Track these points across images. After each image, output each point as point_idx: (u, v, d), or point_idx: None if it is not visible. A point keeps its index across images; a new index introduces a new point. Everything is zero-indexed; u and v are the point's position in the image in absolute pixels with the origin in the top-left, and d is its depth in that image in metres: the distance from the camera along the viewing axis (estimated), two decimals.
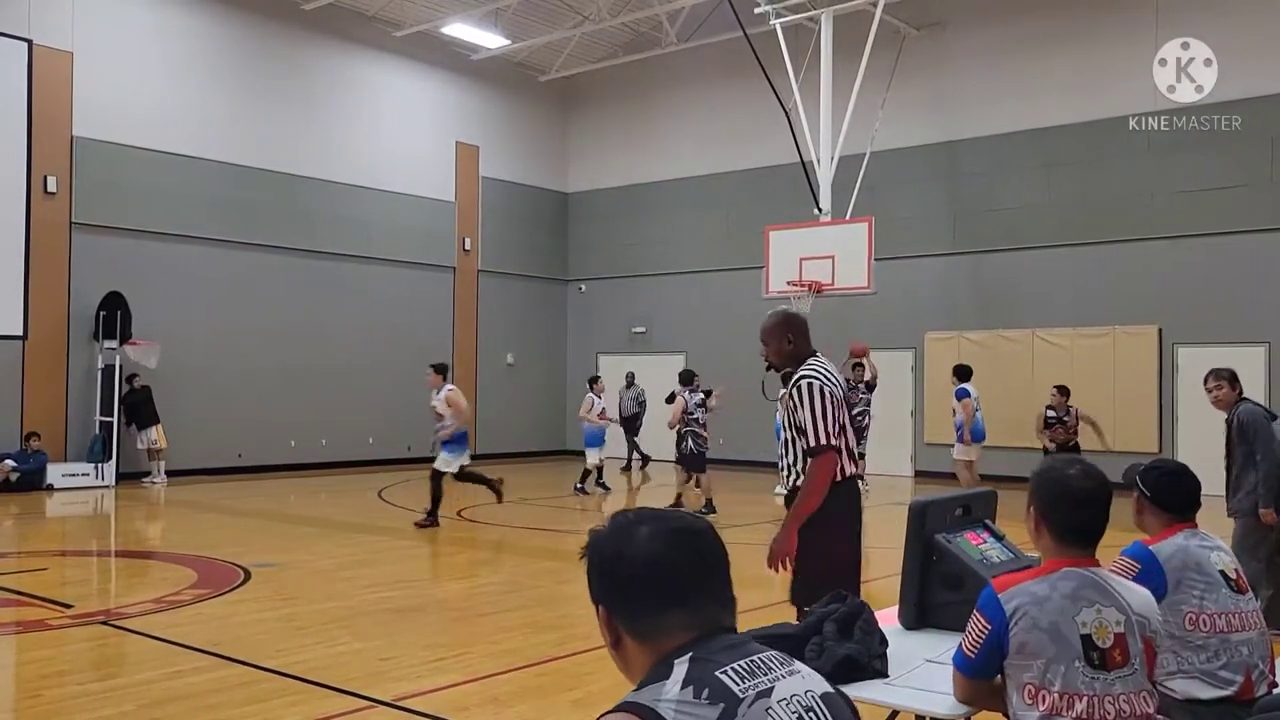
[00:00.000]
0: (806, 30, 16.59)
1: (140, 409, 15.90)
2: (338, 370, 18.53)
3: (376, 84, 19.87)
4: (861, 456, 13.55)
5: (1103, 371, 16.01)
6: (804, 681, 1.58)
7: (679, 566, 1.58)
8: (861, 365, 14.42)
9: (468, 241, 21.30)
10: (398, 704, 5.18)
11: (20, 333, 15.16)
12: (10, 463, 14.67)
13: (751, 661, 1.55)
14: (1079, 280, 16.43)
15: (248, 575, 8.59)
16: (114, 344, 15.60)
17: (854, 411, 13.90)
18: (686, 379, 13.70)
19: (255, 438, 17.32)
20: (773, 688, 1.52)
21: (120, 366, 15.75)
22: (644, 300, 21.63)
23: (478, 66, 21.00)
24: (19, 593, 7.87)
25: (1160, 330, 15.78)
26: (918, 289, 17.73)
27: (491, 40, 20.08)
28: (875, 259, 14.94)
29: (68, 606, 7.40)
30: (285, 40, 18.42)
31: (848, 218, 15.73)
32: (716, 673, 1.51)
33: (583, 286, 22.96)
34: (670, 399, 14.62)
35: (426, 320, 20.39)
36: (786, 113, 15.92)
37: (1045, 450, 12.45)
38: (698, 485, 13.51)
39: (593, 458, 15.00)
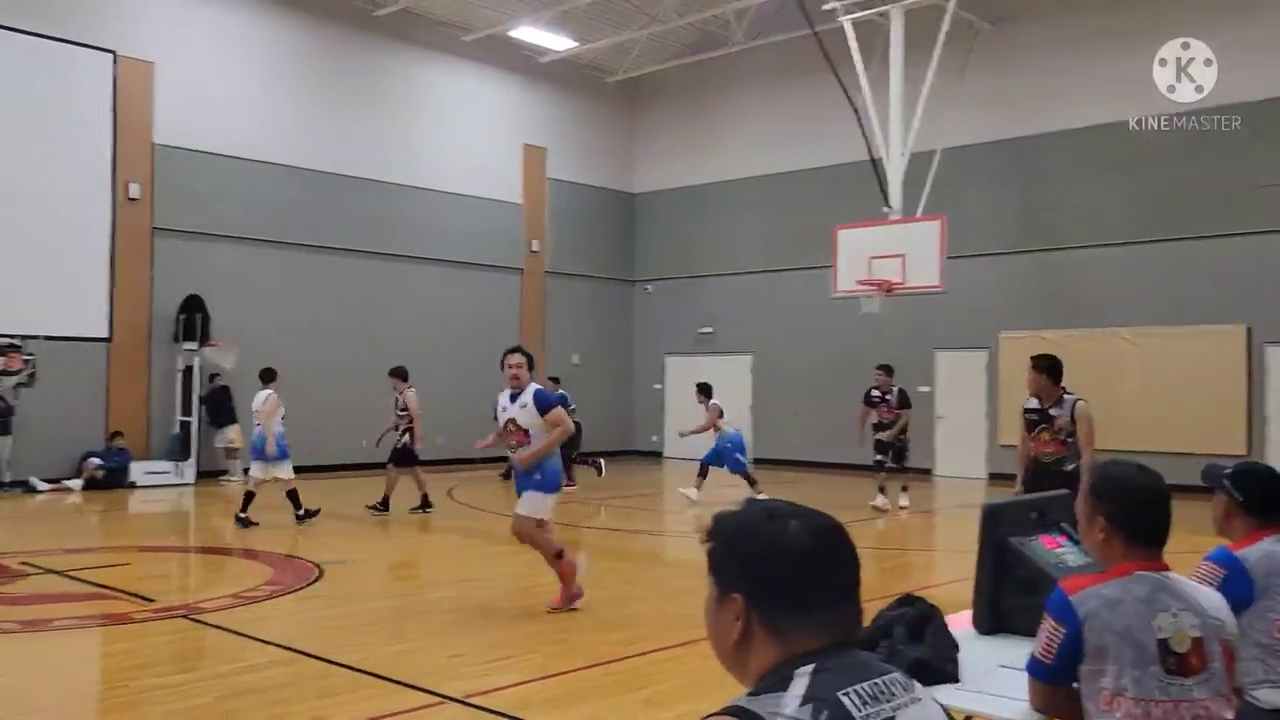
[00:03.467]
0: (875, 26, 16.38)
1: (218, 409, 16.30)
2: (410, 373, 18.76)
3: (445, 88, 20.12)
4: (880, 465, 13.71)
5: (1184, 371, 15.55)
6: (924, 710, 1.52)
7: (828, 566, 1.53)
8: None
9: (535, 243, 21.46)
10: (466, 700, 5.22)
11: (105, 335, 15.68)
12: (96, 461, 15.14)
13: (875, 685, 1.48)
14: (1160, 278, 15.98)
15: (321, 572, 8.74)
16: (193, 345, 16.01)
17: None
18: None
19: (327, 436, 17.61)
20: (893, 718, 1.46)
21: (199, 367, 16.17)
22: (711, 300, 21.57)
23: (545, 69, 21.14)
24: (104, 586, 8.11)
25: (1249, 329, 15.29)
26: (990, 287, 17.41)
27: (559, 43, 20.20)
28: (946, 257, 14.71)
29: (149, 600, 7.60)
30: (358, 46, 18.73)
31: (919, 215, 15.51)
32: (839, 693, 1.43)
33: (649, 287, 22.98)
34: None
35: (493, 322, 20.56)
36: (856, 110, 15.75)
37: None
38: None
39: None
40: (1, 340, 14.82)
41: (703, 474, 14.10)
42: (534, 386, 7.25)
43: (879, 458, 13.61)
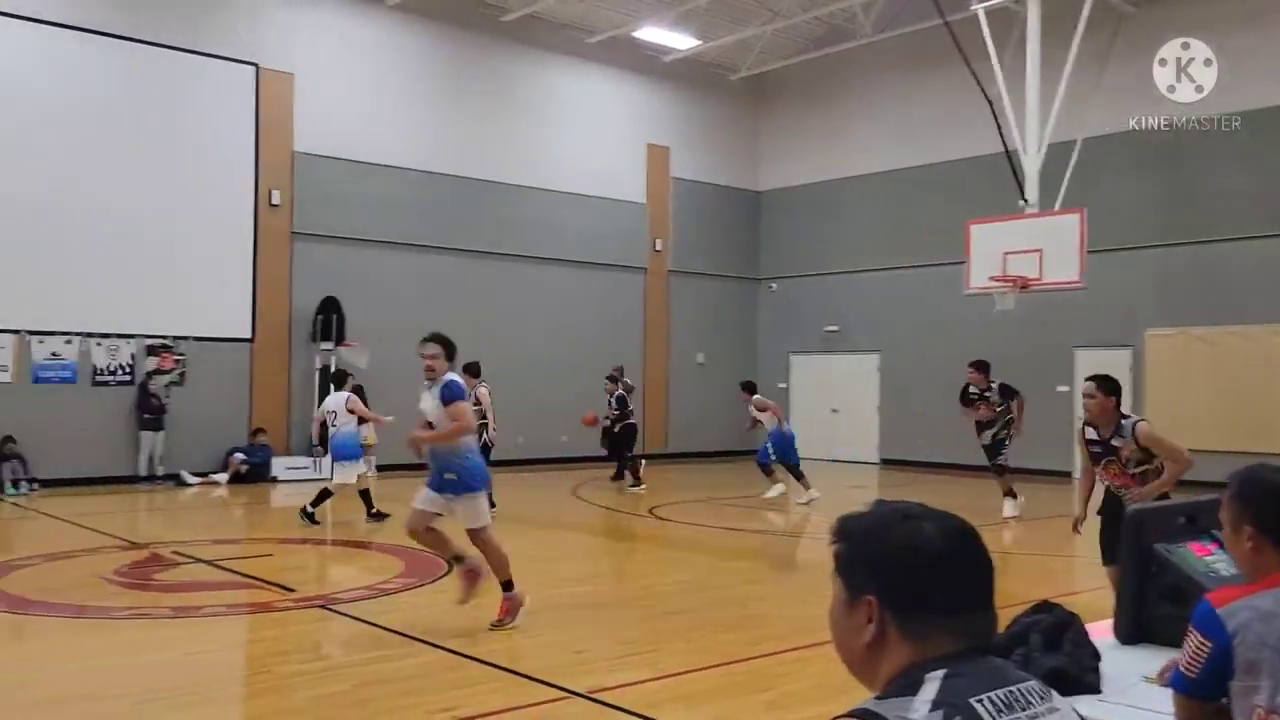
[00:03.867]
0: (1010, 14, 15.85)
1: None
2: (533, 370, 19.05)
3: (570, 90, 20.36)
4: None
5: None
6: None
7: (964, 569, 1.50)
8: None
9: (658, 242, 21.52)
10: (592, 696, 5.26)
11: (249, 336, 16.44)
12: (240, 456, 15.86)
13: (1010, 692, 1.43)
14: None
15: (450, 566, 8.93)
16: (329, 345, 16.62)
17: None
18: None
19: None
20: None
21: (335, 366, 16.75)
22: (837, 298, 21.24)
23: (668, 68, 21.18)
24: (248, 576, 8.48)
25: None
26: (1134, 282, 16.64)
27: (682, 41, 20.21)
28: (1087, 251, 14.12)
29: (290, 590, 7.90)
30: (485, 52, 19.13)
31: (1057, 209, 14.93)
32: (971, 699, 1.39)
33: (774, 285, 22.78)
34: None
35: (617, 321, 20.73)
36: (990, 101, 15.26)
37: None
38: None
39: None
40: (155, 341, 15.67)
41: (768, 472, 14.36)
42: (449, 377, 6.78)
43: (997, 460, 12.65)
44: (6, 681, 5.59)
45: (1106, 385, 6.02)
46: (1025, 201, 15.10)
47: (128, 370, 15.46)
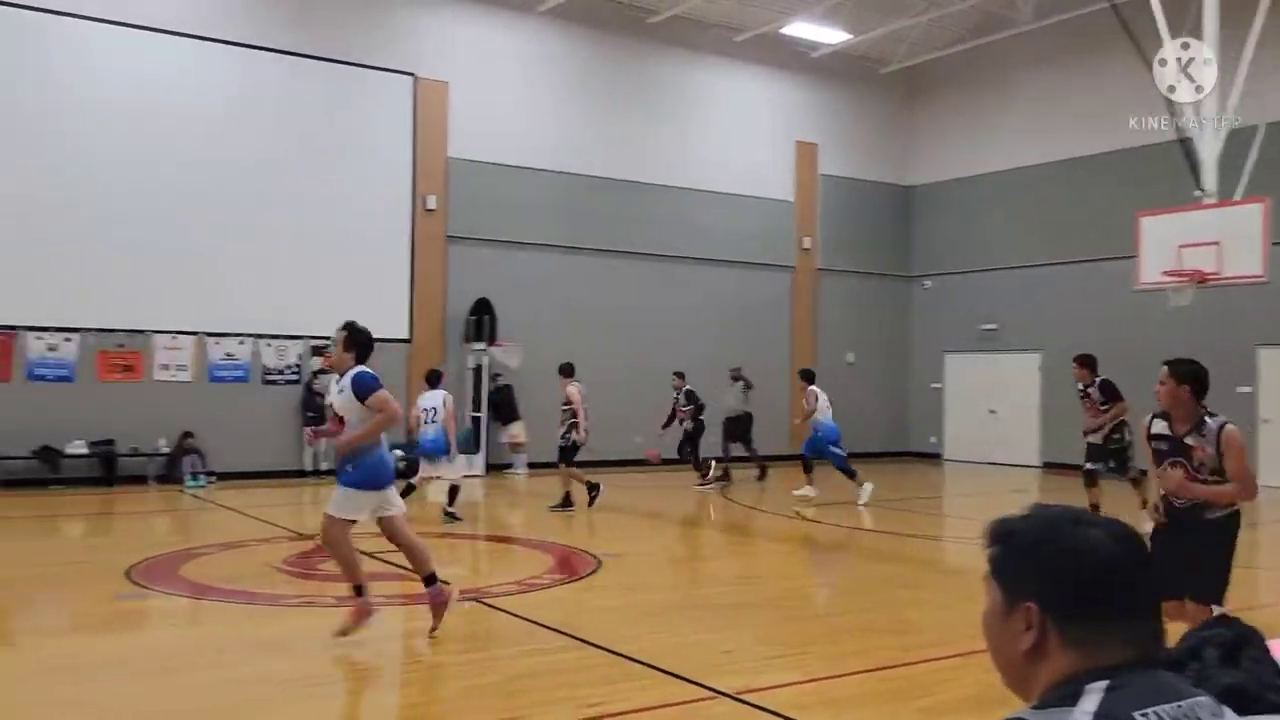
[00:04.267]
0: None
1: (503, 406, 17.25)
2: (680, 369, 19.08)
3: (717, 89, 20.30)
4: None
5: None
6: None
7: (1132, 575, 1.44)
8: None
9: (806, 240, 21.24)
10: (739, 697, 5.19)
11: (406, 336, 17.02)
12: (398, 452, 16.37)
13: (1179, 708, 1.34)
14: None
15: (599, 563, 9.01)
16: (482, 346, 17.05)
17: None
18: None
19: (605, 433, 18.13)
20: None
21: (487, 366, 17.19)
22: (995, 295, 20.49)
23: (816, 63, 20.88)
24: (404, 568, 8.74)
25: None
26: None
27: (832, 35, 19.88)
28: (1272, 243, 13.17)
29: (445, 584, 8.10)
30: (632, 54, 19.28)
31: (1237, 198, 13.97)
32: (1136, 713, 1.31)
33: (927, 283, 22.15)
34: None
35: (765, 320, 20.56)
36: (1162, 86, 14.39)
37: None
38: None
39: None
40: (319, 342, 16.38)
41: (808, 469, 14.19)
42: (357, 370, 6.40)
43: (1090, 466, 11.20)
44: (185, 663, 5.92)
45: (1180, 370, 5.13)
46: (1202, 191, 14.18)
47: (295, 370, 16.25)
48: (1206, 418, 5.10)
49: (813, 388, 14.58)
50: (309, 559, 9.09)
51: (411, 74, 17.10)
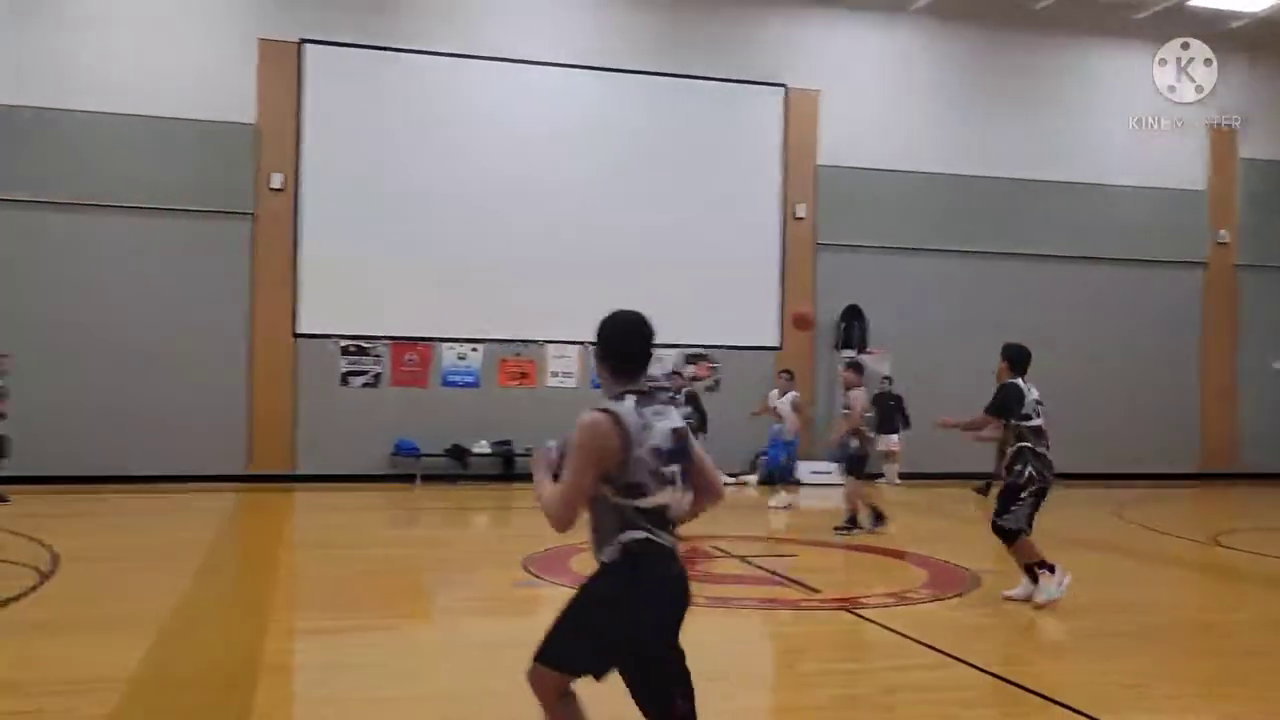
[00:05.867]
0: None
1: (886, 415, 16.78)
2: (1066, 379, 17.67)
3: (1113, 73, 18.67)
4: None
5: None
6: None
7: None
8: None
9: (1222, 233, 18.96)
10: None
11: (776, 344, 17.16)
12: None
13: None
14: None
15: (977, 580, 8.51)
16: (851, 352, 16.77)
17: None
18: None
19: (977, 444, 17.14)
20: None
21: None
22: None
23: (1234, 35, 18.56)
24: (775, 574, 8.76)
25: None
26: None
27: (1254, 2, 17.59)
28: None
29: (815, 591, 8.01)
30: (1011, 44, 18.23)
31: None
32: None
33: None
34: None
35: (1168, 322, 18.60)
36: None
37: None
38: None
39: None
40: (694, 351, 16.96)
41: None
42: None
43: None
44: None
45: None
46: None
47: (668, 378, 16.92)
48: None
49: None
50: (687, 560, 9.33)
51: (783, 85, 17.27)
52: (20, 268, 14.44)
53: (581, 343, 16.56)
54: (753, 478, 16.53)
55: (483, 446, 15.97)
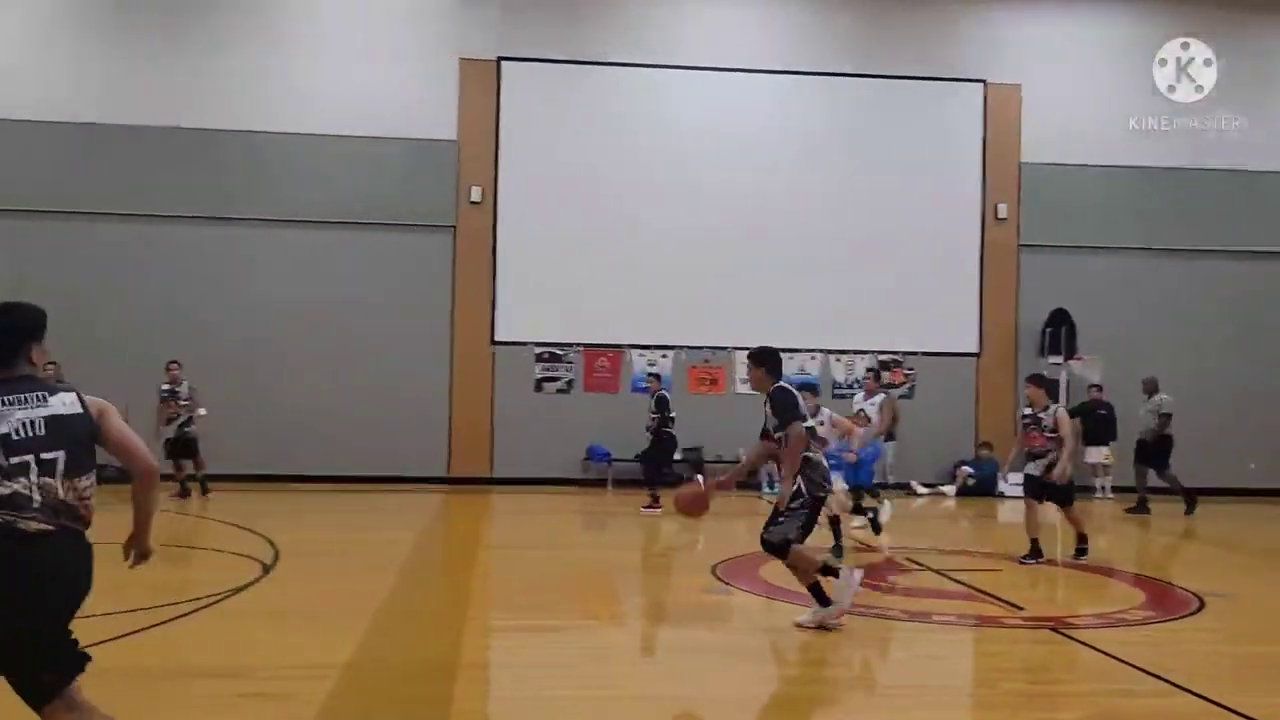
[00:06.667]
0: None
1: (1096, 426, 15.90)
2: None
3: None
4: None
5: None
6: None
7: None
8: None
9: None
10: None
11: (975, 350, 16.53)
12: (968, 469, 15.95)
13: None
14: None
15: (1202, 603, 7.89)
16: (1058, 359, 15.96)
17: None
18: None
19: (1199, 457, 15.89)
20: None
21: (1065, 381, 16.02)
22: None
23: None
24: (975, 589, 8.40)
25: None
26: None
27: None
28: None
29: (1019, 608, 7.63)
30: (1230, 22, 16.89)
31: None
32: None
33: None
34: None
35: None
36: None
37: None
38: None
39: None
40: (887, 356, 16.55)
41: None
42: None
43: None
44: (754, 655, 6.18)
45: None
46: None
47: (861, 384, 16.52)
48: None
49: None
50: (881, 572, 9.11)
51: (982, 80, 16.65)
52: (241, 283, 15.60)
53: (823, 351, 16.43)
54: (951, 488, 15.96)
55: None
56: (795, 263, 16.26)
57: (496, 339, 16.14)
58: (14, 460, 3.27)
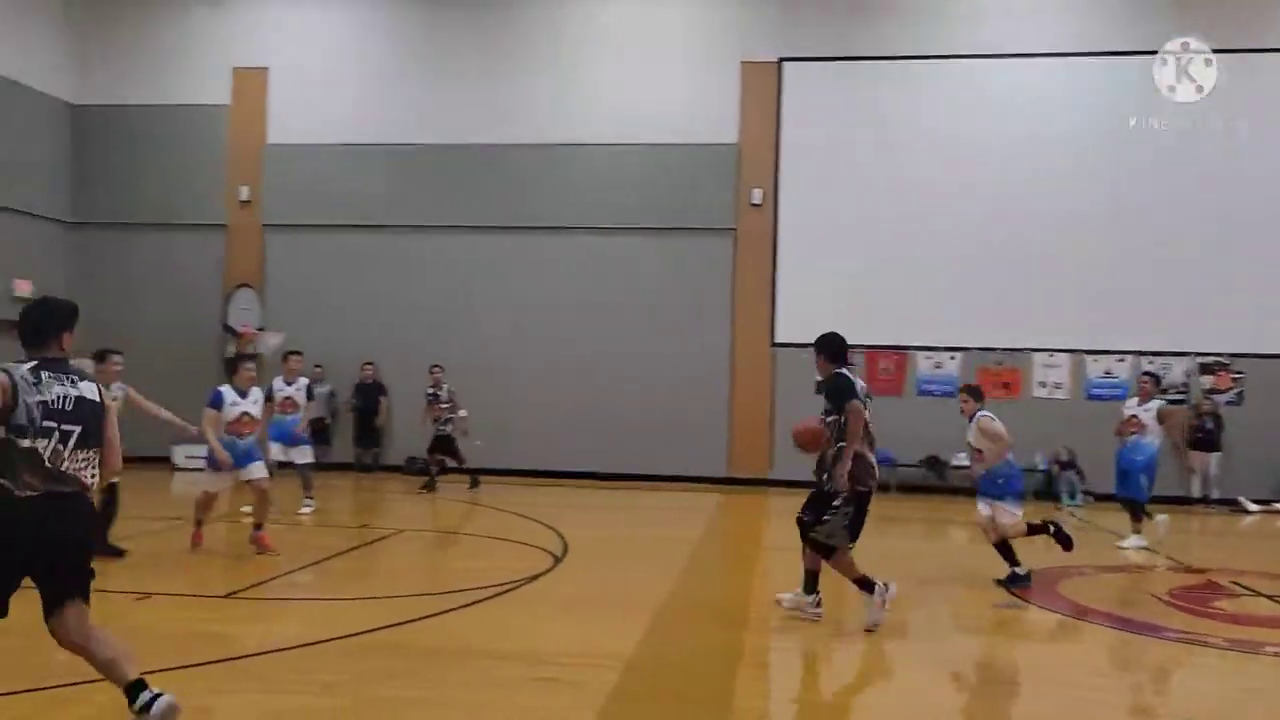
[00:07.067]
0: None
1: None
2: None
3: None
4: None
5: None
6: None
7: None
8: None
9: None
10: None
11: None
12: None
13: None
14: None
15: None
16: None
17: None
18: None
19: None
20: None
21: None
22: None
23: None
24: None
25: None
26: None
27: None
28: None
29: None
30: None
31: None
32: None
33: None
34: None
35: None
36: None
37: None
38: None
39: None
40: (1210, 359, 15.04)
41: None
42: None
43: None
44: (1051, 676, 5.77)
45: None
46: None
47: (1181, 389, 15.11)
48: None
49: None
50: (1199, 594, 8.28)
51: None
52: (531, 289, 16.46)
53: (1073, 350, 15.39)
54: None
55: (960, 459, 15.35)
56: (1099, 259, 15.12)
57: (776, 340, 16.10)
58: (45, 424, 3.95)
